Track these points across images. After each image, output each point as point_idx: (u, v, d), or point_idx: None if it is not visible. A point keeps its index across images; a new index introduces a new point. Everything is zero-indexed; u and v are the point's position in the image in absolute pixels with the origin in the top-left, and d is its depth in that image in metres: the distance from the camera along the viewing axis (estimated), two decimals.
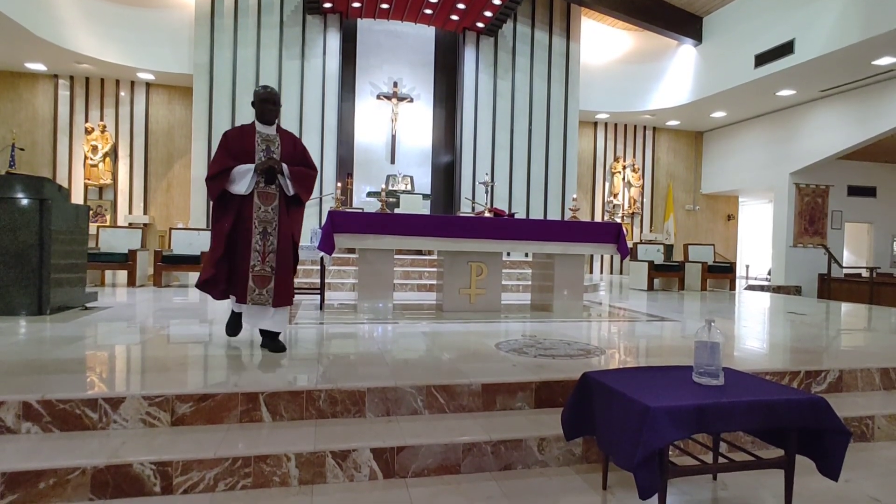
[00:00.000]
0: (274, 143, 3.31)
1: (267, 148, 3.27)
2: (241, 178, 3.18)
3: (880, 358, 3.64)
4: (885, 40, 7.71)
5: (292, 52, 9.40)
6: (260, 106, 3.32)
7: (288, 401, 2.52)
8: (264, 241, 3.24)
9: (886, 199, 12.68)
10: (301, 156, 3.40)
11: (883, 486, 2.38)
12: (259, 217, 3.23)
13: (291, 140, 3.42)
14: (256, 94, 3.35)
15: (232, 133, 3.30)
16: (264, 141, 3.28)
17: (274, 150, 3.29)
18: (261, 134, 3.30)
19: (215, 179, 3.18)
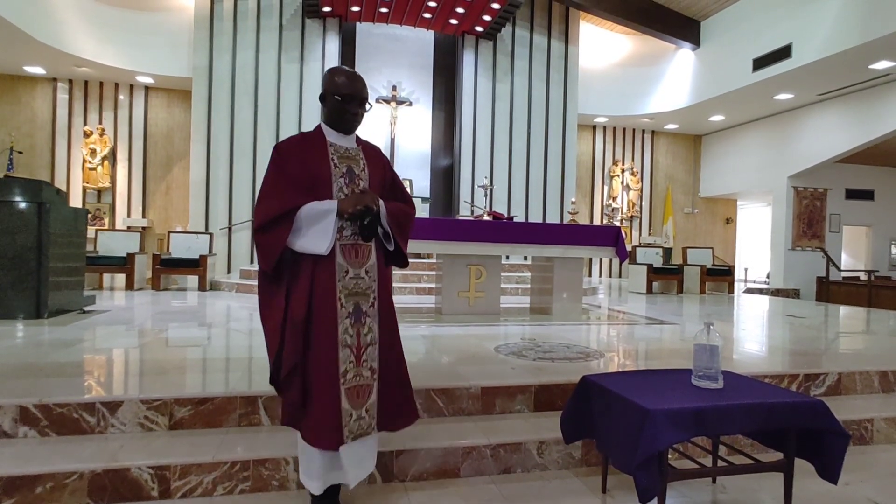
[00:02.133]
0: (357, 164, 2.02)
1: (349, 171, 1.98)
2: (315, 225, 1.86)
3: (879, 361, 3.64)
4: (883, 44, 7.74)
5: (291, 55, 9.41)
6: (339, 106, 1.98)
7: None
8: (358, 326, 1.93)
9: (884, 202, 12.70)
10: (392, 183, 2.17)
11: (882, 488, 2.38)
12: (348, 288, 1.92)
13: (379, 159, 2.14)
14: (335, 83, 1.98)
15: (289, 147, 1.96)
16: (343, 160, 1.99)
17: (358, 173, 2.00)
18: (336, 149, 1.99)
19: (270, 230, 1.83)
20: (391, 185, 2.16)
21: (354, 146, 2.06)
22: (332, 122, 2.02)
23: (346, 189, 1.96)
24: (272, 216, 1.83)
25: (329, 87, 1.98)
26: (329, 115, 2.02)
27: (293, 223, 1.84)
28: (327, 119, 2.03)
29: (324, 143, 1.99)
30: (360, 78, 2.03)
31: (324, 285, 1.89)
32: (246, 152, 9.20)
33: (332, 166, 1.95)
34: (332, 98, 1.97)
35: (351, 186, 1.97)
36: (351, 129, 2.04)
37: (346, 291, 1.92)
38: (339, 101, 1.96)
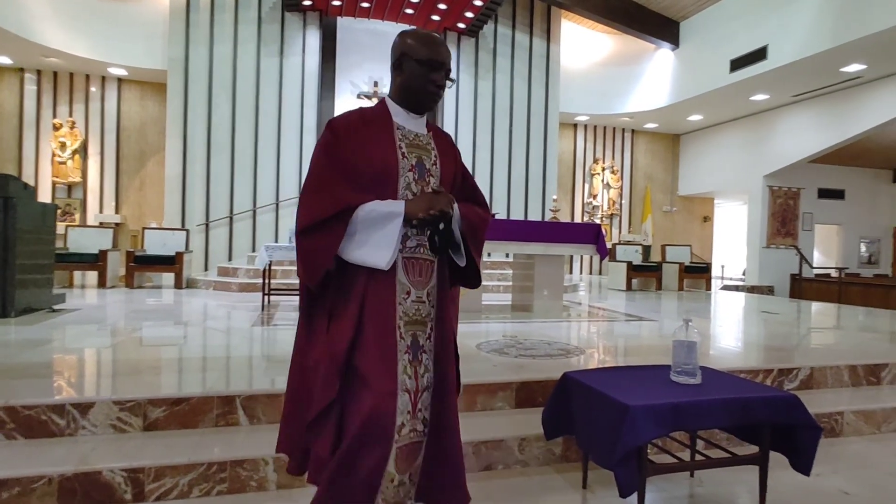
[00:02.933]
0: (429, 155, 1.58)
1: (419, 164, 1.54)
2: (376, 231, 1.45)
3: (849, 355, 3.74)
4: (853, 48, 7.93)
5: (270, 49, 9.27)
6: (422, 73, 1.53)
7: (266, 403, 2.48)
8: (416, 365, 1.51)
9: (854, 201, 13.04)
10: (463, 180, 1.71)
11: (852, 479, 2.44)
12: (408, 315, 1.52)
13: (451, 149, 1.68)
14: (416, 45, 1.53)
15: (347, 126, 1.50)
16: (412, 148, 1.55)
17: (429, 167, 1.56)
18: (404, 133, 1.55)
19: (318, 234, 1.43)
20: (462, 183, 1.69)
21: (425, 132, 1.61)
22: (408, 96, 1.56)
23: (414, 187, 1.52)
24: (321, 216, 1.41)
25: (408, 49, 1.53)
26: (404, 86, 1.55)
27: (347, 227, 1.42)
28: (399, 93, 1.57)
29: (390, 124, 1.54)
30: (444, 43, 1.60)
31: (380, 309, 1.46)
32: (223, 147, 9.05)
33: (399, 156, 1.50)
34: (412, 63, 1.52)
35: (420, 184, 1.53)
36: (430, 106, 1.60)
37: (405, 318, 1.50)
38: (422, 66, 1.51)
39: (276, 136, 9.31)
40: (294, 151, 9.40)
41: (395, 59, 1.57)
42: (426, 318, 1.55)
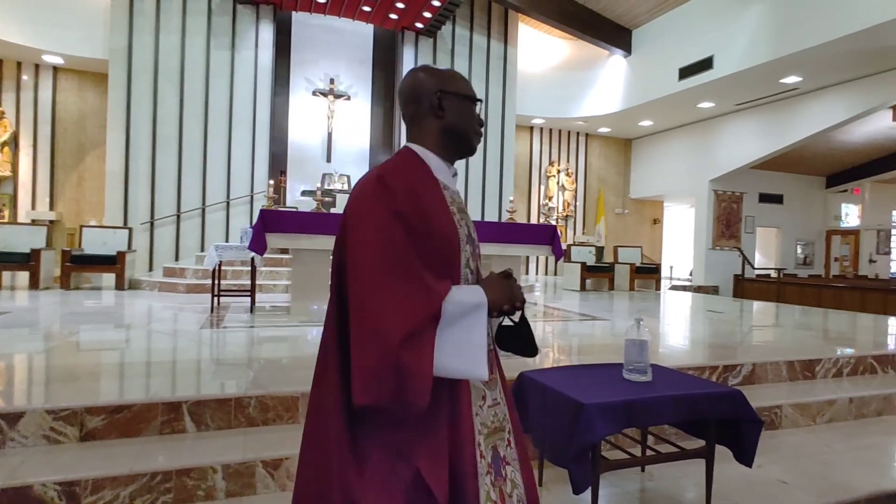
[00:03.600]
0: (469, 219, 1.29)
1: (469, 233, 1.24)
2: (464, 329, 1.06)
3: (786, 352, 3.93)
4: (791, 61, 8.37)
5: (221, 41, 8.97)
6: (471, 112, 1.25)
7: (215, 409, 2.39)
8: (500, 484, 1.19)
9: (791, 206, 13.77)
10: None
11: (789, 469, 2.56)
12: (487, 426, 1.20)
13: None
14: (455, 79, 1.25)
15: (406, 189, 1.11)
16: (461, 213, 1.23)
17: (473, 233, 1.27)
18: (451, 194, 1.23)
19: (420, 343, 1.00)
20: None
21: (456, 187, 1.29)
22: (455, 143, 1.24)
23: (472, 263, 1.22)
24: (423, 318, 1.01)
25: (447, 83, 1.22)
26: (450, 130, 1.22)
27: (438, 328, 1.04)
28: (442, 139, 1.22)
29: (436, 184, 1.20)
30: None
31: (462, 428, 1.12)
32: (170, 142, 8.68)
33: (457, 225, 1.18)
34: (456, 100, 1.22)
35: (475, 259, 1.25)
36: (473, 152, 1.29)
37: (485, 431, 1.17)
38: (468, 102, 1.24)
39: (227, 131, 9.01)
40: (246, 148, 9.13)
41: (430, 99, 1.21)
42: (504, 421, 1.23)
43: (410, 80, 1.25)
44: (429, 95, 1.22)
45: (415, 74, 1.25)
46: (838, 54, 8.04)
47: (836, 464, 2.65)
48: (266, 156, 9.28)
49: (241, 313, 5.09)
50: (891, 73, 8.69)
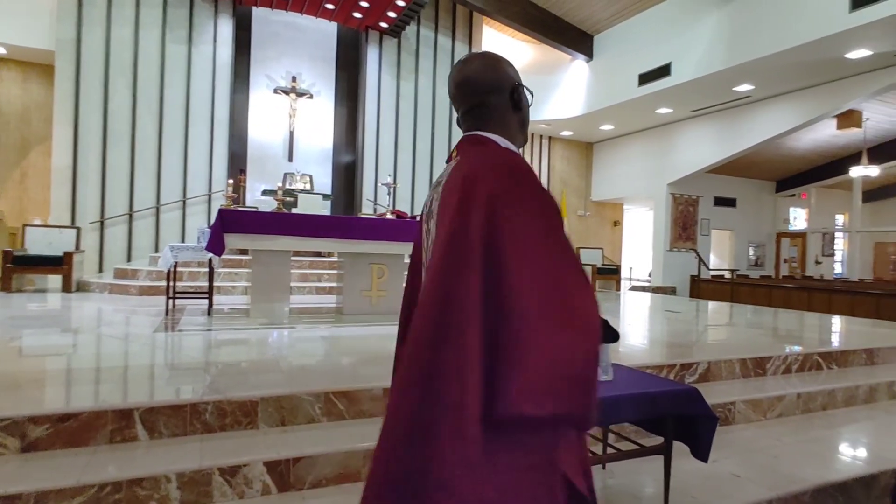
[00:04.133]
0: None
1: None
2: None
3: (740, 349, 4.07)
4: (743, 70, 8.71)
5: (177, 35, 8.68)
6: (529, 101, 1.29)
7: (169, 416, 2.30)
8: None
9: (744, 209, 14.32)
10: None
11: (742, 463, 2.65)
12: None
13: None
14: (515, 72, 1.27)
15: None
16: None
17: None
18: None
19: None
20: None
21: None
22: (522, 138, 1.26)
23: None
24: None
25: (517, 77, 1.24)
26: (523, 123, 1.26)
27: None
28: (520, 133, 1.25)
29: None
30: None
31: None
32: (122, 138, 8.33)
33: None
34: (525, 94, 1.26)
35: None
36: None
37: None
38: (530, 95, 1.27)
39: (184, 128, 8.73)
40: (204, 145, 8.87)
41: (509, 92, 1.21)
42: None
43: (494, 68, 1.20)
44: (512, 87, 1.20)
45: (498, 62, 1.21)
46: (786, 65, 8.41)
47: (786, 457, 2.76)
48: (225, 154, 9.04)
49: (197, 316, 4.93)
50: (835, 83, 9.15)
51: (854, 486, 2.56)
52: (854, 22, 6.93)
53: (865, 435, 3.24)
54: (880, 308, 8.01)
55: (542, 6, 10.52)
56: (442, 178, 1.21)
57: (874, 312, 7.99)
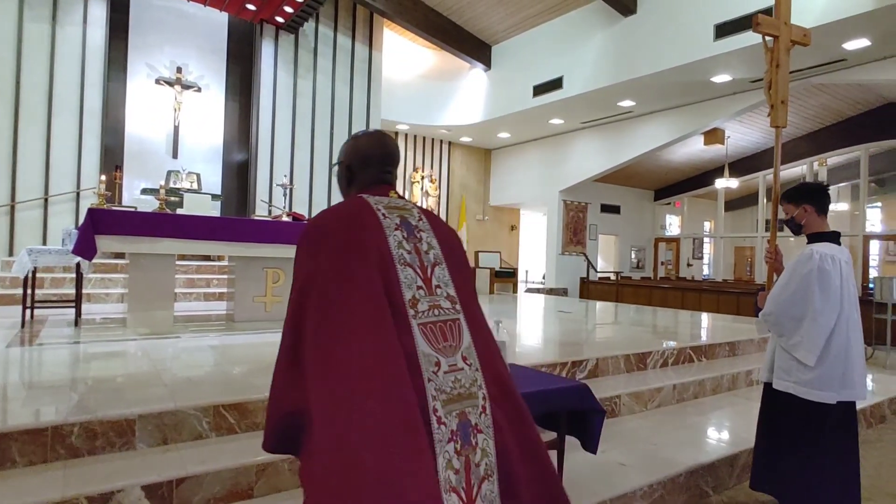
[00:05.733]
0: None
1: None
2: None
3: (624, 346, 4.39)
4: (626, 87, 9.45)
5: (38, 13, 7.71)
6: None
7: (25, 441, 2.02)
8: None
9: (627, 216, 15.51)
10: None
11: (627, 452, 2.85)
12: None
13: None
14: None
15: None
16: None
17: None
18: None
19: None
20: None
21: None
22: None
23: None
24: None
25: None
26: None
27: None
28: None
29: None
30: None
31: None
32: None
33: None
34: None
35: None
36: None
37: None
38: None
39: (47, 116, 7.77)
40: (71, 137, 7.96)
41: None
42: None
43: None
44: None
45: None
46: (662, 84, 9.24)
47: (664, 443, 3.00)
48: (97, 148, 8.19)
49: (62, 327, 4.40)
50: (702, 103, 10.21)
51: (720, 465, 2.85)
52: (718, 50, 7.79)
53: (729, 419, 3.62)
54: (740, 305, 9.03)
55: (443, 13, 10.70)
56: (401, 205, 1.45)
57: (735, 309, 8.99)
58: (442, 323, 1.29)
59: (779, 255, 2.67)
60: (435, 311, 1.29)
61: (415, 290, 1.29)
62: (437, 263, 1.37)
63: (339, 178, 1.57)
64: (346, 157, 1.53)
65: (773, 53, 2.79)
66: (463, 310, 1.35)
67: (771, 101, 2.79)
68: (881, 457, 3.42)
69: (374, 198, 1.42)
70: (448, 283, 1.36)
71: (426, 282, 1.32)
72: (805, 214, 2.49)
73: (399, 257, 1.31)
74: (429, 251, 1.38)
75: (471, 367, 1.28)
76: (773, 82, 2.76)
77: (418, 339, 1.23)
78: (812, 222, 2.49)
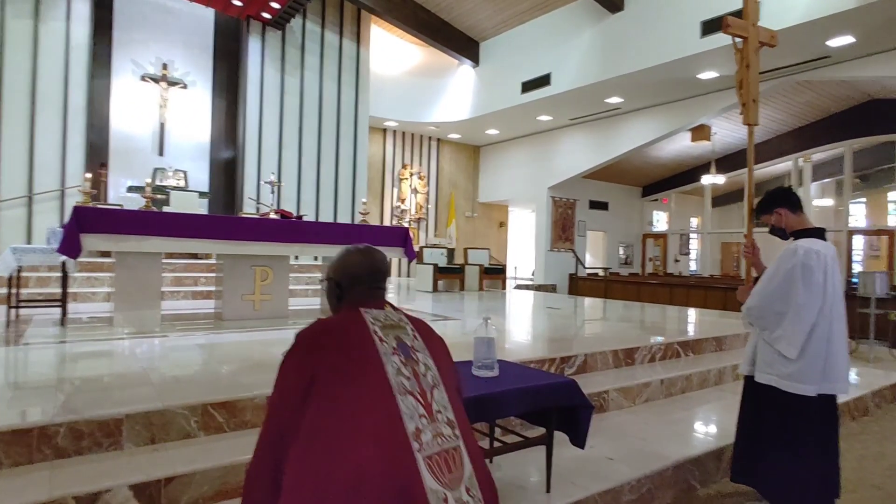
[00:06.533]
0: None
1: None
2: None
3: (612, 342, 4.42)
4: (614, 83, 9.49)
5: (20, 8, 7.58)
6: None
7: (10, 442, 2.00)
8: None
9: (615, 212, 15.61)
10: None
11: (615, 447, 2.87)
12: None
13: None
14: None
15: None
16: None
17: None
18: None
19: None
20: None
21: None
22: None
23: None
24: None
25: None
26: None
27: None
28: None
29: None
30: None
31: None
32: None
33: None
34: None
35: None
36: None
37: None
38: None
39: (30, 114, 7.65)
40: (55, 135, 7.84)
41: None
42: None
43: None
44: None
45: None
46: (649, 81, 9.30)
47: (652, 438, 3.04)
48: (82, 145, 8.08)
49: (48, 327, 4.35)
50: (689, 100, 10.29)
51: (706, 459, 2.89)
52: (704, 46, 7.85)
53: (715, 413, 3.67)
54: (727, 300, 9.13)
55: (431, 10, 10.67)
56: (396, 321, 1.48)
57: (722, 304, 9.09)
58: (445, 452, 1.28)
59: (756, 249, 2.71)
60: (438, 441, 1.29)
61: (417, 419, 1.27)
62: (435, 385, 1.37)
63: (328, 294, 1.57)
64: (336, 274, 1.55)
65: (743, 54, 2.85)
66: (461, 434, 1.35)
67: (742, 100, 2.84)
68: (864, 449, 3.48)
69: (371, 312, 1.44)
70: (447, 407, 1.36)
71: (427, 408, 1.31)
72: (781, 218, 2.54)
73: (399, 386, 1.30)
74: (426, 373, 1.38)
75: (473, 499, 1.28)
76: (745, 81, 2.82)
77: (425, 476, 1.21)
78: (791, 222, 2.53)
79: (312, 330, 1.40)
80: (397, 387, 1.30)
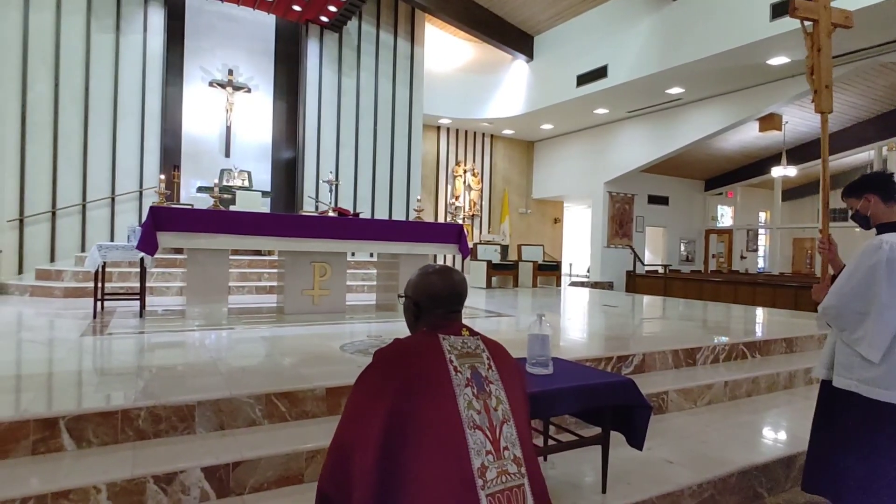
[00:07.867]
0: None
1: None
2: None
3: (672, 341, 4.28)
4: (675, 73, 9.15)
5: (104, 23, 8.18)
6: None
7: (98, 423, 2.18)
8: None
9: (676, 207, 15.06)
10: None
11: (675, 449, 2.79)
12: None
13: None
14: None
15: None
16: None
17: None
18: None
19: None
20: None
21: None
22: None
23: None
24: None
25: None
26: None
27: None
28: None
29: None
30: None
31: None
32: (43, 131, 7.77)
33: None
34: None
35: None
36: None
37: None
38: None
39: (112, 121, 8.24)
40: (134, 140, 8.41)
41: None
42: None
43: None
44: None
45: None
46: (714, 69, 8.90)
47: (714, 442, 2.93)
48: (157, 149, 8.61)
49: (129, 318, 4.68)
50: (757, 88, 9.77)
51: (775, 466, 2.76)
52: (775, 30, 7.43)
53: (785, 419, 3.49)
54: (798, 300, 8.64)
55: (484, 6, 10.64)
56: (472, 349, 1.46)
57: (793, 304, 8.61)
58: (509, 490, 1.29)
59: (833, 245, 2.54)
60: (503, 479, 1.29)
61: (484, 455, 1.28)
62: (505, 421, 1.36)
63: (405, 312, 1.59)
64: (415, 294, 1.54)
65: (813, 38, 2.67)
66: (527, 472, 1.35)
67: (814, 87, 2.67)
68: None
69: (448, 340, 1.44)
70: (515, 444, 1.35)
71: (495, 444, 1.31)
72: (869, 205, 2.34)
73: (469, 420, 1.30)
74: (497, 407, 1.37)
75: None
76: (816, 67, 2.65)
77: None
78: (879, 212, 2.34)
79: (391, 351, 1.43)
80: (467, 421, 1.30)
